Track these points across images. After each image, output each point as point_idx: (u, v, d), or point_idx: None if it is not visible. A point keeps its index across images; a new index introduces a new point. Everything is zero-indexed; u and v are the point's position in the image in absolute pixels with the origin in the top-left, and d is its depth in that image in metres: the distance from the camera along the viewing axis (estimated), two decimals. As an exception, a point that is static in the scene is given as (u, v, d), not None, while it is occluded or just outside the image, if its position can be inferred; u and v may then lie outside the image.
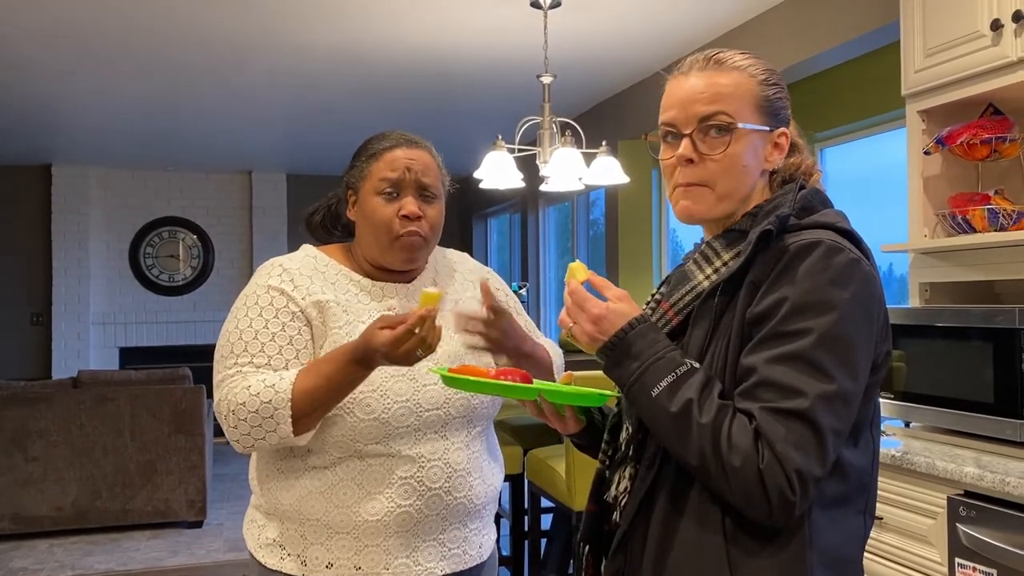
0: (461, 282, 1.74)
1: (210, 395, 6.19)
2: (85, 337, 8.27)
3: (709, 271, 1.15)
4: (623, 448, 1.20)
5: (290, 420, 1.42)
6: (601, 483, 1.25)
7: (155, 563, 4.51)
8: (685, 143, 1.15)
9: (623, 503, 1.16)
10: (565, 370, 1.90)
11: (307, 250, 1.67)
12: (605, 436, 1.26)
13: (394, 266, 1.61)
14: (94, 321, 8.32)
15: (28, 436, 4.84)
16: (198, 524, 5.16)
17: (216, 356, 1.55)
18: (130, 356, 8.41)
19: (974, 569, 1.94)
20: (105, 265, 8.46)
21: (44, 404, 4.87)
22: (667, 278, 1.32)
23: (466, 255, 1.83)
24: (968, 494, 1.99)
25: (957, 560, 1.99)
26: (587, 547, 1.25)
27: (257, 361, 1.49)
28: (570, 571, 3.70)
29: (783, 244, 1.07)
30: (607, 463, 1.25)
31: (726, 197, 1.15)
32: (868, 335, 1.06)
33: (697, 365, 1.08)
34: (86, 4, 3.82)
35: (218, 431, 6.88)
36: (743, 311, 1.08)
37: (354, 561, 1.52)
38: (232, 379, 1.48)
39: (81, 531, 5.01)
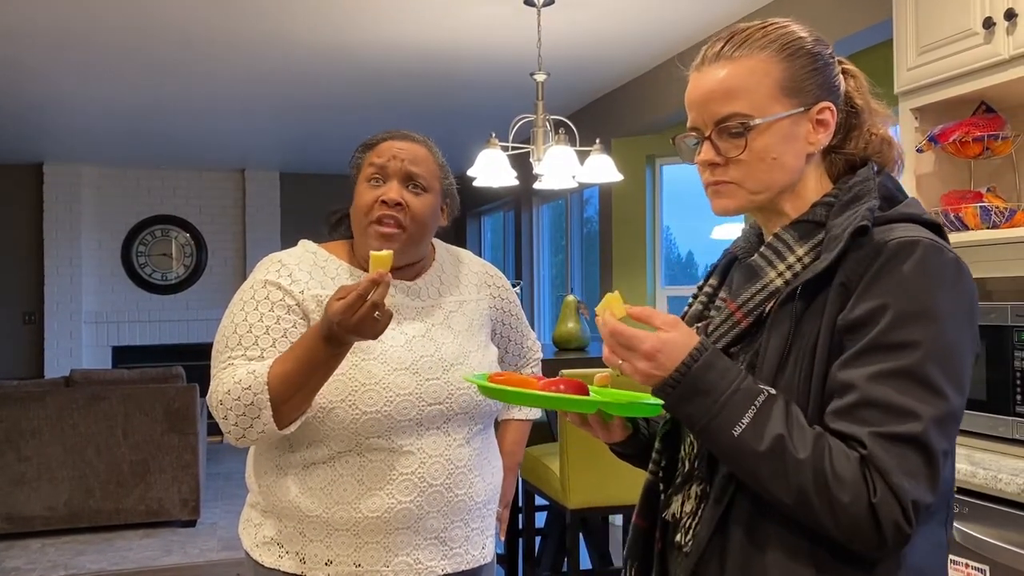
0: (467, 282, 1.73)
1: (203, 394, 6.17)
2: (77, 336, 8.24)
3: (782, 268, 1.04)
4: (687, 464, 1.11)
5: (269, 405, 1.40)
6: (653, 497, 1.15)
7: (148, 562, 4.50)
8: (706, 147, 1.07)
9: (689, 525, 1.07)
10: (539, 368, 1.94)
11: (306, 245, 1.66)
12: (656, 445, 1.16)
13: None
14: (86, 320, 8.29)
15: (21, 435, 4.82)
16: (191, 523, 5.14)
17: (212, 352, 1.54)
18: (123, 355, 8.38)
19: (967, 566, 1.95)
20: (98, 264, 8.43)
21: (37, 403, 4.86)
22: (715, 268, 1.22)
23: (472, 254, 1.82)
24: (961, 491, 2.00)
25: (950, 557, 1.99)
26: (634, 564, 1.17)
27: (250, 354, 1.48)
28: (564, 569, 3.70)
29: (876, 241, 0.98)
30: (660, 475, 1.15)
31: (762, 191, 1.06)
32: (972, 343, 0.97)
33: (773, 391, 0.97)
34: (78, 3, 3.81)
35: (211, 430, 6.87)
36: (832, 317, 0.98)
37: (354, 558, 1.51)
38: (223, 371, 1.48)
39: (74, 530, 4.99)
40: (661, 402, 1.04)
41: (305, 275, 1.57)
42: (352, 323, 1.31)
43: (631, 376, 1.00)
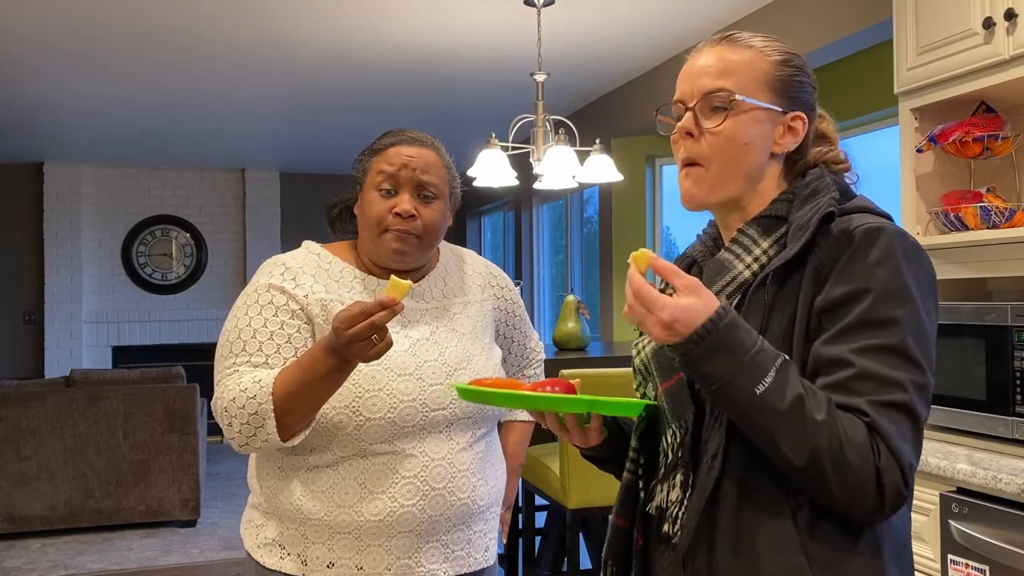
0: (472, 284, 1.73)
1: (203, 394, 6.18)
2: (78, 336, 8.24)
3: (749, 260, 1.09)
4: (670, 454, 1.13)
5: (272, 415, 1.40)
6: (632, 495, 1.17)
7: (148, 562, 4.50)
8: (688, 115, 1.13)
9: (676, 514, 1.09)
10: (542, 369, 1.94)
11: (309, 247, 1.65)
12: (633, 444, 1.18)
13: (384, 264, 1.59)
14: (87, 320, 8.30)
15: (21, 435, 4.82)
16: (191, 523, 5.15)
17: (216, 356, 1.54)
18: (123, 355, 8.39)
19: (966, 565, 1.95)
20: (98, 264, 8.43)
21: (37, 403, 4.86)
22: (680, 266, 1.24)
23: (476, 255, 1.81)
24: (960, 491, 2.00)
25: (950, 557, 2.00)
26: (614, 564, 1.18)
27: (255, 360, 1.48)
28: (564, 569, 3.70)
29: (844, 229, 1.03)
30: (638, 472, 1.17)
31: (724, 179, 1.11)
32: (936, 320, 1.05)
33: (787, 357, 1.00)
34: (78, 3, 3.81)
35: (211, 430, 6.88)
36: (808, 300, 1.02)
37: (356, 561, 1.51)
38: (228, 378, 1.47)
39: (74, 530, 5.00)
40: (648, 402, 1.10)
41: (309, 278, 1.56)
42: (347, 335, 1.31)
43: (647, 333, 1.01)
